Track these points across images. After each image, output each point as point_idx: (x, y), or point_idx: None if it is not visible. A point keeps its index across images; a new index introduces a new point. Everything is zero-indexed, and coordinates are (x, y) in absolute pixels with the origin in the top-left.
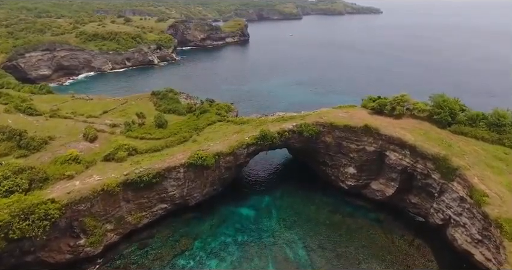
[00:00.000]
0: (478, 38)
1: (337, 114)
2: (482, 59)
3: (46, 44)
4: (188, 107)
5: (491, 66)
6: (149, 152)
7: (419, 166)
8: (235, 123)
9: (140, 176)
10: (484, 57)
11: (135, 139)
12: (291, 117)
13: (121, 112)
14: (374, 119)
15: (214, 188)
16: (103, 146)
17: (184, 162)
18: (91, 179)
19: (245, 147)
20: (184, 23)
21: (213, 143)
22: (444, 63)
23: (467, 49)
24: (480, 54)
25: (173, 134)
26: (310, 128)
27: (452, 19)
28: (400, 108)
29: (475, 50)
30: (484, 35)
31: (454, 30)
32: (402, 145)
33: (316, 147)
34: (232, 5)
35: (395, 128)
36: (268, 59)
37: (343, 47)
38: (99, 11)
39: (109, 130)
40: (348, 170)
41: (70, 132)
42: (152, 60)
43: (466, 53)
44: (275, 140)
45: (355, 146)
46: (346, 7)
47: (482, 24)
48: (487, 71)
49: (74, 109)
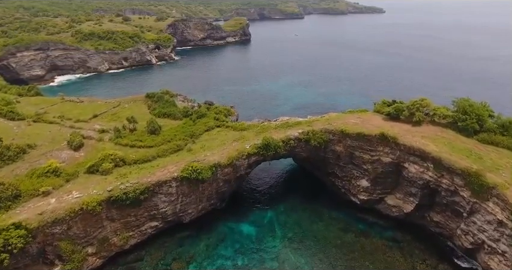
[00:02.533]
0: (489, 36)
1: (348, 120)
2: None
3: (39, 43)
4: (184, 110)
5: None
6: (138, 162)
7: (445, 181)
8: (235, 129)
9: (126, 193)
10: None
11: (124, 147)
12: (296, 123)
13: (112, 116)
14: (389, 125)
15: (211, 202)
16: (88, 154)
17: (177, 176)
18: (69, 196)
19: (246, 158)
20: (184, 22)
21: (209, 153)
22: (455, 63)
23: (476, 48)
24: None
25: (166, 141)
26: (319, 135)
27: (454, 18)
28: (420, 114)
29: (485, 50)
30: (496, 33)
31: (458, 29)
32: (424, 157)
33: (325, 157)
34: (234, 4)
35: (414, 137)
36: (270, 58)
37: (347, 47)
38: (98, 10)
39: (96, 136)
40: (360, 183)
41: (54, 139)
42: (151, 60)
43: (474, 52)
44: (279, 150)
45: (369, 156)
46: (348, 6)
47: (490, 22)
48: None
49: (63, 112)
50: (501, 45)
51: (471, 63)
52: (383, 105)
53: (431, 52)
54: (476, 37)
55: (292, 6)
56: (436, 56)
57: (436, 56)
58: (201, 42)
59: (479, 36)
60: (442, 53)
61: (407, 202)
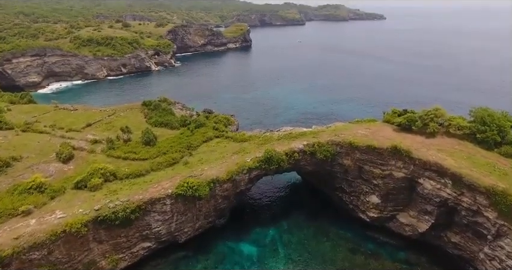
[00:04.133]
0: (494, 42)
1: (356, 131)
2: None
3: (36, 49)
4: (182, 119)
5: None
6: (130, 177)
7: (466, 200)
8: (235, 141)
9: (116, 212)
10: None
11: (117, 159)
12: (301, 133)
13: (106, 125)
14: (401, 137)
15: (209, 220)
16: (78, 167)
17: (171, 193)
18: (52, 217)
19: (246, 172)
20: (184, 28)
21: (207, 167)
22: (460, 69)
23: (481, 53)
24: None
25: (162, 153)
26: (325, 148)
27: (454, 23)
28: (434, 125)
29: (491, 55)
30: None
31: (458, 34)
32: (442, 172)
33: (332, 171)
34: (235, 10)
35: (430, 150)
36: (272, 65)
37: (349, 53)
38: (99, 16)
39: (88, 148)
40: (370, 199)
41: (42, 150)
42: (150, 66)
43: (481, 57)
44: (283, 163)
45: (379, 170)
46: (349, 13)
47: (491, 28)
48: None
49: (55, 121)
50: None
51: (477, 69)
52: (393, 115)
53: (435, 58)
54: (476, 42)
55: (293, 13)
56: (440, 62)
57: (440, 61)
58: (201, 48)
59: (480, 41)
60: (446, 58)
61: (421, 220)
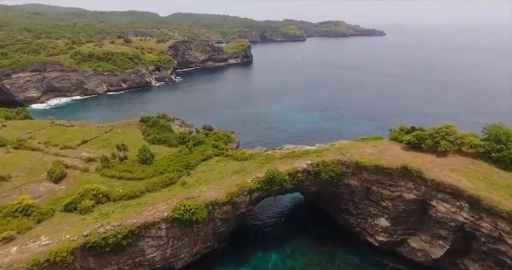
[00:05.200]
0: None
1: (362, 149)
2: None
3: (36, 65)
4: (181, 136)
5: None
6: (124, 198)
7: (485, 225)
8: (235, 159)
9: (106, 238)
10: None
11: (111, 179)
12: (304, 152)
13: (103, 142)
14: (411, 156)
15: (208, 245)
16: (70, 187)
17: (167, 216)
18: (36, 243)
19: (247, 194)
20: (185, 44)
21: (206, 188)
22: (462, 83)
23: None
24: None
25: (158, 172)
26: (330, 168)
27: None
28: (446, 144)
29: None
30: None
31: (457, 49)
32: (457, 194)
33: (337, 192)
34: (236, 27)
35: (442, 170)
36: (273, 80)
37: (350, 68)
38: (101, 32)
39: (82, 166)
40: (379, 222)
41: (32, 169)
42: (150, 81)
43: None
44: (285, 184)
45: (389, 192)
46: (349, 29)
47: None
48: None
49: (50, 138)
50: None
51: (478, 83)
52: (401, 132)
53: (436, 72)
54: (476, 56)
55: (294, 29)
56: (443, 77)
57: (442, 76)
58: (202, 64)
59: (479, 56)
60: (448, 73)
61: (435, 246)
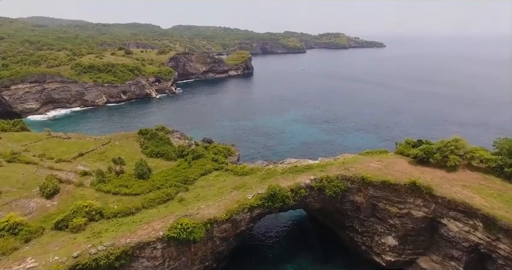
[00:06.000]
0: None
1: (368, 164)
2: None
3: (36, 76)
4: (179, 150)
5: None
6: (119, 215)
7: (503, 247)
8: (235, 174)
9: (97, 259)
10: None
11: (106, 194)
12: (307, 166)
13: (99, 155)
14: (419, 171)
15: (206, 264)
16: (63, 203)
17: (163, 236)
18: (21, 266)
19: (248, 211)
20: (186, 56)
21: (204, 204)
22: (467, 95)
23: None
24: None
25: (155, 188)
26: (335, 183)
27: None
28: (455, 158)
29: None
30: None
31: (459, 60)
32: (471, 213)
33: (342, 208)
34: (237, 39)
35: (453, 187)
36: (273, 92)
37: (351, 80)
38: (103, 44)
39: (76, 180)
40: (386, 241)
41: (25, 184)
42: (150, 93)
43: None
44: (287, 200)
45: (396, 209)
46: (349, 41)
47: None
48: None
49: (45, 150)
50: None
51: (482, 95)
52: (407, 146)
53: (438, 84)
54: (476, 67)
55: (294, 41)
56: (445, 88)
57: (444, 88)
58: (202, 75)
59: (481, 67)
60: (450, 84)
61: (447, 267)
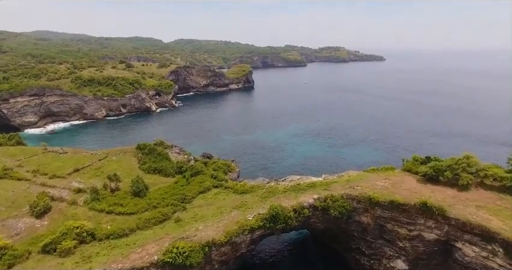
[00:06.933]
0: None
1: (374, 182)
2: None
3: (35, 89)
4: (178, 166)
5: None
6: (112, 237)
7: None
8: (235, 192)
9: None
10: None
11: (100, 213)
12: (310, 184)
13: (95, 171)
14: (429, 190)
15: None
16: (53, 223)
17: (157, 260)
18: None
19: (248, 233)
20: (187, 69)
21: (202, 225)
22: (471, 108)
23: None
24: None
25: (152, 206)
26: (340, 203)
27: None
28: (468, 177)
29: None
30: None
31: (460, 73)
32: (488, 237)
33: (347, 229)
34: (237, 52)
35: (467, 207)
36: (274, 105)
37: (353, 93)
38: (104, 57)
39: (70, 198)
40: (395, 264)
41: (14, 202)
42: (150, 106)
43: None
44: (290, 221)
45: (406, 231)
46: (349, 55)
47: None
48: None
49: (40, 165)
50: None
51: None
52: (415, 162)
53: (439, 96)
54: (478, 81)
55: (295, 54)
56: (446, 101)
57: (446, 100)
58: (203, 89)
59: (482, 81)
60: (453, 97)
61: None
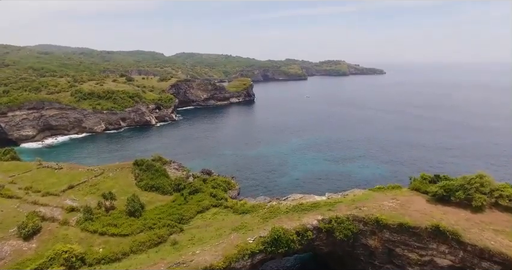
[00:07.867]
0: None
1: (381, 202)
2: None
3: (34, 102)
4: (176, 183)
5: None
6: (103, 262)
7: None
8: (235, 212)
9: None
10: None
11: (92, 234)
12: (313, 204)
13: (90, 188)
14: (440, 212)
15: None
16: (42, 246)
17: None
18: None
19: (248, 258)
20: (187, 83)
21: (200, 249)
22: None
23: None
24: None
25: (147, 227)
26: (345, 225)
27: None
28: (482, 198)
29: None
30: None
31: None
32: (510, 265)
33: (354, 253)
34: (238, 66)
35: (483, 231)
36: (275, 119)
37: (355, 106)
38: (105, 71)
39: (61, 218)
40: None
41: (3, 222)
42: (150, 120)
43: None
44: (293, 245)
45: (417, 256)
46: (350, 68)
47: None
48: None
49: (33, 182)
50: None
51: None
52: (423, 181)
53: (440, 110)
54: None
55: (295, 68)
56: (447, 114)
57: (447, 113)
58: (203, 102)
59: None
60: (456, 110)
61: None
